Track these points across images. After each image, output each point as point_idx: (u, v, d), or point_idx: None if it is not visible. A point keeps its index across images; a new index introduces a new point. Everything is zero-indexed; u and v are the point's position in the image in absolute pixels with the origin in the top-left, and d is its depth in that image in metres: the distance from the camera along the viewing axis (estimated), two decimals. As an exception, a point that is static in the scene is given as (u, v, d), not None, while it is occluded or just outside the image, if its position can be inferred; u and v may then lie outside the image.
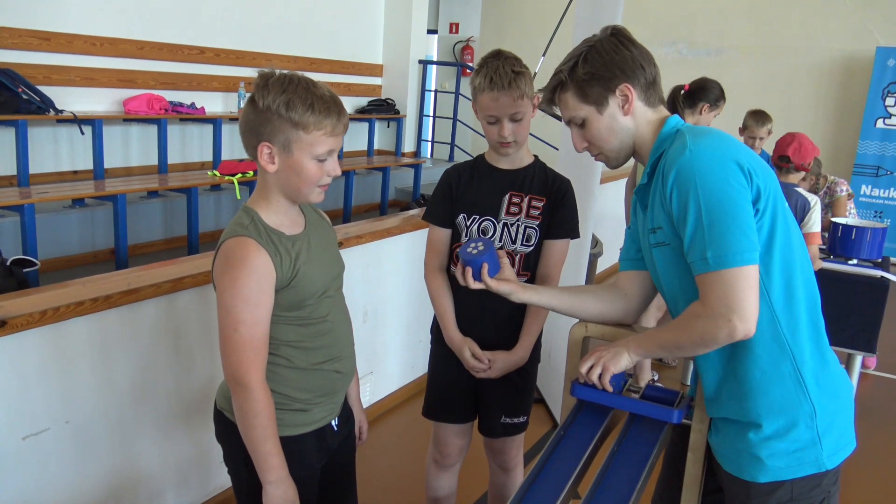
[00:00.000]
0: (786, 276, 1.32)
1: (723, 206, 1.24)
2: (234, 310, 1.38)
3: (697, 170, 1.26)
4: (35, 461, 1.90)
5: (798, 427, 1.33)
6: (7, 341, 1.78)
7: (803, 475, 1.33)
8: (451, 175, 2.02)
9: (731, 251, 1.23)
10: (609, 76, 1.38)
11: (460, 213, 1.97)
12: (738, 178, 1.26)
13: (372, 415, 3.30)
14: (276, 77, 1.39)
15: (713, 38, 7.37)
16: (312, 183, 1.44)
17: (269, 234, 1.44)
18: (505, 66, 1.82)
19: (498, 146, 1.91)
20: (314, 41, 6.74)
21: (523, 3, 8.75)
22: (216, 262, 1.44)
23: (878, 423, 3.63)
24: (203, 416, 2.27)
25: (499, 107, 1.83)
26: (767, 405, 1.34)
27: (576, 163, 3.39)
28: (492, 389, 2.04)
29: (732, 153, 1.28)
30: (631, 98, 1.39)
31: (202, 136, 5.82)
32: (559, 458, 1.45)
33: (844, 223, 3.57)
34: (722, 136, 1.34)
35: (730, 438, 1.40)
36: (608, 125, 1.42)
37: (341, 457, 1.69)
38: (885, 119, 6.53)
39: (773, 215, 1.30)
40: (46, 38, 4.65)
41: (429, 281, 2.02)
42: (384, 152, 7.70)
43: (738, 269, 1.23)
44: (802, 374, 1.33)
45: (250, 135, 1.42)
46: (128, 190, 4.42)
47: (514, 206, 1.94)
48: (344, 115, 1.43)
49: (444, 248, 2.00)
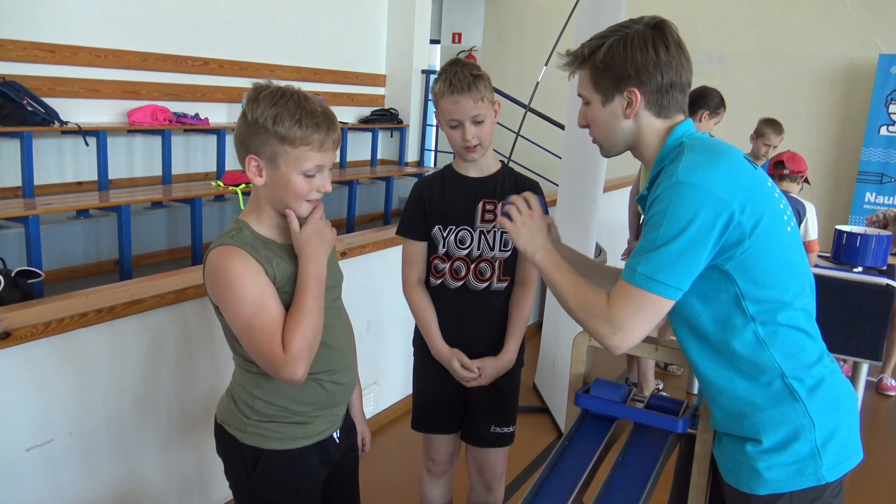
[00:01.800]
0: (776, 296, 1.30)
1: (680, 238, 1.24)
2: (241, 310, 1.38)
3: (679, 195, 1.25)
4: (39, 472, 1.90)
5: (797, 440, 1.32)
6: (12, 353, 1.78)
7: (803, 487, 1.32)
8: (422, 188, 2.02)
9: (661, 279, 1.25)
10: (622, 74, 1.35)
11: (435, 224, 1.97)
12: (711, 218, 1.24)
13: (375, 425, 3.29)
14: (269, 90, 1.39)
15: (715, 45, 7.37)
16: (300, 198, 1.43)
17: (259, 241, 1.44)
18: (463, 70, 1.85)
19: (463, 151, 1.91)
20: (318, 52, 6.76)
21: (526, 12, 8.77)
22: (206, 277, 1.44)
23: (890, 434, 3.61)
24: (206, 428, 2.26)
25: (459, 110, 1.84)
26: (764, 421, 1.33)
27: (579, 171, 3.40)
28: (479, 398, 2.04)
29: (722, 188, 1.25)
30: (635, 104, 1.36)
31: (206, 147, 5.84)
32: (564, 468, 1.45)
33: (850, 231, 3.56)
34: (720, 163, 1.29)
35: (729, 450, 1.40)
36: (606, 119, 1.41)
37: (344, 469, 1.68)
38: (888, 126, 6.51)
39: (765, 241, 1.28)
40: (51, 51, 4.67)
41: (409, 295, 2.03)
42: (387, 162, 7.71)
43: (656, 297, 1.26)
44: (795, 388, 1.32)
45: (240, 147, 1.43)
46: (132, 201, 4.43)
47: (489, 213, 1.95)
48: (334, 131, 1.42)
49: (422, 261, 2.01)
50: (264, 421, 1.51)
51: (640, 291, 1.26)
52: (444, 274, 1.98)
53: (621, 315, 1.27)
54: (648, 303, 1.26)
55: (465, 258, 1.96)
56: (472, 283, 1.97)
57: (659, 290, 1.25)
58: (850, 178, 6.81)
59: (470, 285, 1.97)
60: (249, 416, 1.51)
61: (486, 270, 1.96)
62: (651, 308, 1.26)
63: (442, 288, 1.99)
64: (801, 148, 6.81)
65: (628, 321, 1.26)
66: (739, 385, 1.34)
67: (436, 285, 2.00)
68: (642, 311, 1.26)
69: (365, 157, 7.39)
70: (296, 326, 1.39)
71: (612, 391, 1.58)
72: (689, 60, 1.40)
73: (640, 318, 1.26)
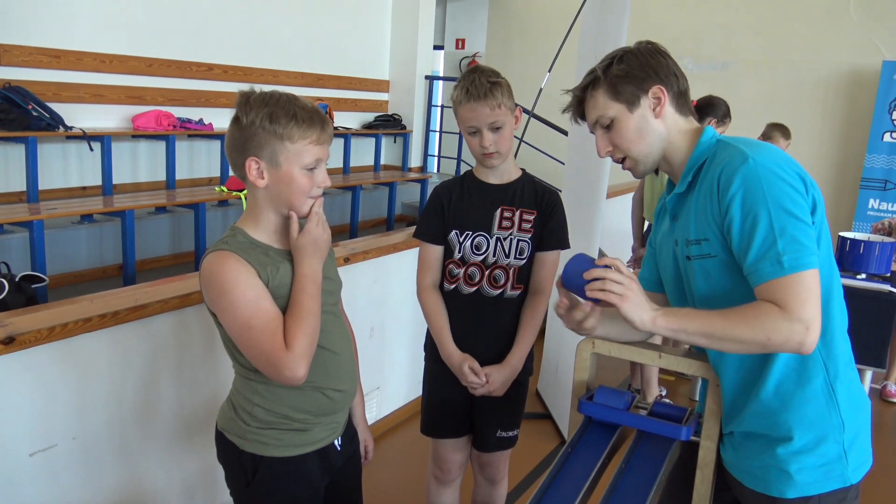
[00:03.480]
0: (826, 289, 1.30)
1: (792, 213, 1.23)
2: (237, 313, 1.38)
3: (765, 178, 1.24)
4: (42, 477, 1.90)
5: (827, 441, 1.32)
6: (15, 357, 1.78)
7: (830, 490, 1.33)
8: (442, 192, 2.03)
9: (805, 255, 1.22)
10: (643, 76, 1.37)
11: (453, 229, 1.98)
12: (801, 189, 1.26)
13: (378, 431, 3.29)
14: (257, 94, 1.41)
15: (719, 52, 7.38)
16: (304, 194, 1.44)
17: (254, 246, 1.44)
18: (481, 77, 1.86)
19: (482, 158, 1.92)
20: (321, 57, 6.78)
21: (529, 18, 8.79)
22: (202, 284, 1.44)
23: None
24: (208, 433, 2.25)
25: (477, 116, 1.85)
26: (799, 419, 1.33)
27: (582, 178, 3.40)
28: (488, 403, 2.04)
29: (793, 164, 1.28)
30: (663, 101, 1.37)
31: (210, 152, 5.86)
32: (567, 475, 1.44)
33: (853, 238, 3.56)
34: (774, 147, 1.33)
35: (755, 453, 1.38)
36: (637, 125, 1.39)
37: (346, 476, 1.68)
38: (892, 133, 6.50)
39: (821, 227, 1.30)
40: (56, 56, 4.70)
41: (423, 298, 2.03)
42: (391, 167, 7.72)
43: (810, 272, 1.21)
44: (835, 388, 1.32)
45: (237, 153, 1.43)
46: (136, 205, 4.44)
47: (507, 220, 1.96)
48: (328, 125, 1.44)
49: (437, 264, 2.01)
50: (264, 428, 1.50)
51: (796, 276, 1.21)
52: (458, 279, 1.98)
53: (800, 307, 1.20)
54: (808, 281, 1.21)
55: (479, 264, 1.96)
56: (486, 289, 1.97)
57: (810, 264, 1.21)
58: (853, 184, 6.80)
59: (483, 291, 1.97)
60: (249, 423, 1.51)
61: (500, 277, 1.96)
62: (814, 285, 1.22)
63: (455, 293, 2.00)
64: (805, 154, 6.84)
65: (809, 309, 1.20)
66: (781, 379, 1.33)
67: (449, 290, 2.00)
68: (810, 291, 1.21)
69: (368, 163, 7.41)
70: (297, 325, 1.39)
71: (616, 398, 1.58)
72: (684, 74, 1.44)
73: (813, 300, 1.21)
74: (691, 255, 1.37)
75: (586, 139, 1.53)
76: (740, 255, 1.27)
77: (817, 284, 1.22)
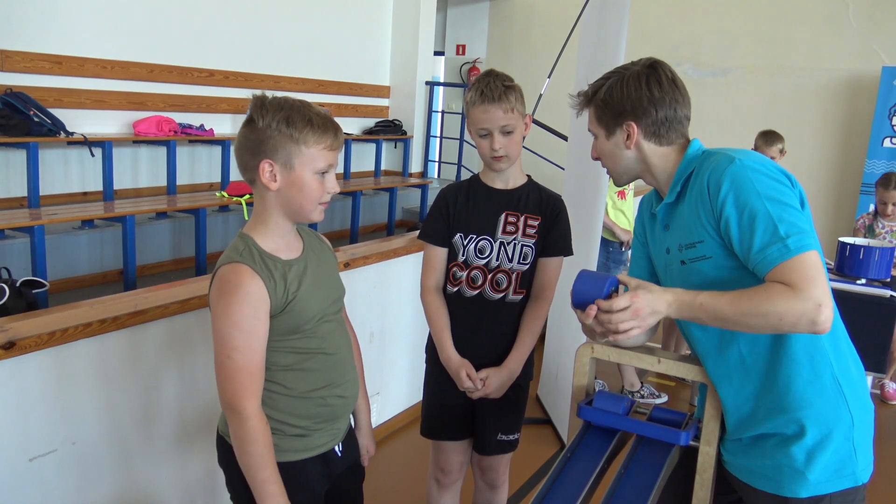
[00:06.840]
0: None
1: (786, 203, 1.28)
2: (227, 336, 1.39)
3: (753, 175, 1.29)
4: (42, 482, 1.90)
5: (838, 438, 1.34)
6: (16, 363, 1.79)
7: (842, 489, 1.35)
8: (448, 195, 2.04)
9: (807, 237, 1.25)
10: (619, 110, 1.44)
11: (457, 232, 1.99)
12: (787, 184, 1.31)
13: (378, 436, 3.28)
14: (272, 98, 1.43)
15: (719, 58, 7.39)
16: (315, 199, 1.45)
17: (264, 259, 1.44)
18: (496, 80, 1.88)
19: (491, 161, 1.94)
20: (322, 63, 6.80)
21: (529, 25, 8.81)
22: (212, 288, 1.45)
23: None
24: (209, 439, 2.26)
25: (490, 119, 1.87)
26: (811, 416, 1.34)
27: (581, 183, 3.41)
28: (488, 406, 2.04)
29: (777, 166, 1.34)
30: (633, 136, 1.44)
31: (211, 158, 5.86)
32: (566, 480, 1.45)
33: (853, 243, 3.55)
34: (758, 153, 1.39)
35: (767, 454, 1.39)
36: (611, 151, 1.50)
37: (347, 482, 1.68)
38: (891, 138, 6.51)
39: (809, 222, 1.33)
40: (58, 62, 4.71)
41: (426, 300, 2.03)
42: (391, 173, 7.73)
43: (813, 252, 1.25)
44: (842, 384, 1.34)
45: (249, 155, 1.43)
46: (137, 211, 4.45)
47: (511, 224, 1.97)
48: (341, 132, 1.47)
49: (441, 266, 2.02)
50: None
51: (802, 256, 1.24)
52: (461, 282, 1.99)
53: (809, 286, 1.22)
54: (814, 261, 1.25)
55: (482, 267, 1.97)
56: (488, 292, 1.98)
57: (812, 245, 1.25)
58: (853, 189, 6.81)
59: (486, 295, 1.98)
60: None
61: (502, 281, 1.97)
62: (818, 264, 1.25)
63: (458, 296, 2.00)
64: (805, 159, 6.85)
65: (818, 287, 1.23)
66: (791, 377, 1.34)
67: (452, 293, 2.01)
68: (816, 270, 1.24)
69: (369, 168, 7.42)
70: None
71: (615, 403, 1.58)
72: (685, 95, 1.46)
73: (820, 277, 1.24)
74: (686, 259, 1.41)
75: (586, 145, 1.56)
76: (744, 251, 1.30)
77: (822, 265, 1.26)
